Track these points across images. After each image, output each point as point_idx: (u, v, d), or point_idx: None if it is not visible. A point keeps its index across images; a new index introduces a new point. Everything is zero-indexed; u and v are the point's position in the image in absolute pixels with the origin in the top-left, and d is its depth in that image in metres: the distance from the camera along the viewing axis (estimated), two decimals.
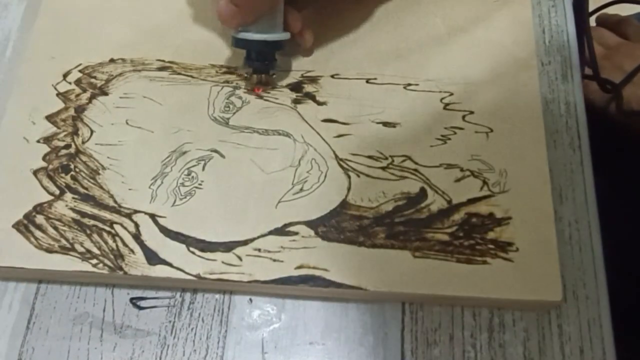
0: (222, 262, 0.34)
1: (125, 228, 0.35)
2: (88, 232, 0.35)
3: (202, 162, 0.37)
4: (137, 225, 0.35)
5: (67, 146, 0.38)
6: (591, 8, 0.53)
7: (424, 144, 0.37)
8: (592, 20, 0.60)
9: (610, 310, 0.35)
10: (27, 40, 0.42)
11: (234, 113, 0.39)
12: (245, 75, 0.40)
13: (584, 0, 0.41)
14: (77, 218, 0.36)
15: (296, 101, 0.39)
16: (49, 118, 0.39)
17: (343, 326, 0.35)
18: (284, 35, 0.37)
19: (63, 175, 0.37)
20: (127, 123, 0.39)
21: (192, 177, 0.37)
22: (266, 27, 0.37)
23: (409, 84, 0.40)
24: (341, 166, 0.37)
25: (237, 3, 0.35)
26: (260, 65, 0.38)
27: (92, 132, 0.38)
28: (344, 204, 0.36)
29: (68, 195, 0.36)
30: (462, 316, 0.35)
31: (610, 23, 0.54)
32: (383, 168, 0.37)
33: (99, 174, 0.37)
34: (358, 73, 0.40)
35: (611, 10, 0.54)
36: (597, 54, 0.44)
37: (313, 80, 0.40)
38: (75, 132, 0.38)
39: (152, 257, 0.34)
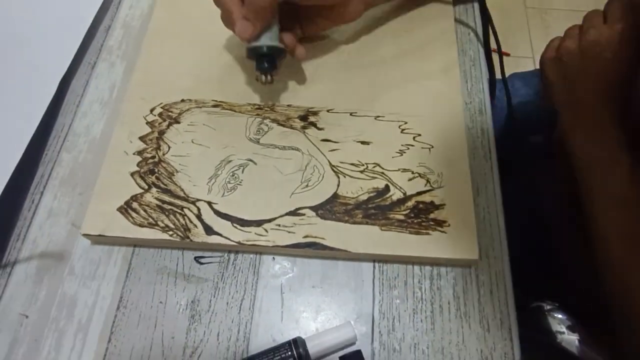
0: (255, 234, 0.36)
1: (191, 211, 0.37)
2: (166, 213, 0.37)
3: (242, 167, 0.39)
4: (199, 209, 0.37)
5: (153, 157, 0.40)
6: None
7: (388, 155, 0.40)
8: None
9: (509, 265, 0.37)
10: (126, 87, 0.44)
11: (263, 135, 0.41)
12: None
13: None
14: (159, 204, 0.38)
15: (304, 127, 0.41)
16: (141, 138, 0.41)
17: (334, 275, 0.37)
18: (279, 45, 0.39)
19: (150, 176, 0.39)
20: (192, 142, 0.41)
21: (235, 177, 0.38)
22: (267, 40, 0.38)
23: (378, 116, 0.42)
24: (333, 170, 0.39)
25: (247, 17, 0.36)
26: (265, 67, 0.39)
27: (169, 147, 0.40)
28: (335, 195, 0.38)
29: (153, 190, 0.38)
30: (412, 269, 0.37)
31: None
32: (361, 171, 0.39)
33: (173, 175, 0.39)
34: (345, 109, 0.42)
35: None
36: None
37: (315, 113, 0.42)
38: (158, 148, 0.40)
39: (209, 230, 0.37)
